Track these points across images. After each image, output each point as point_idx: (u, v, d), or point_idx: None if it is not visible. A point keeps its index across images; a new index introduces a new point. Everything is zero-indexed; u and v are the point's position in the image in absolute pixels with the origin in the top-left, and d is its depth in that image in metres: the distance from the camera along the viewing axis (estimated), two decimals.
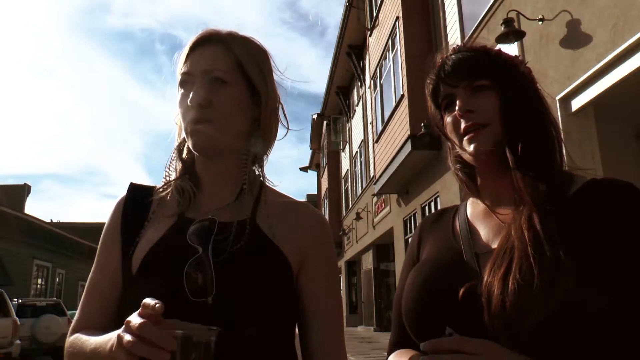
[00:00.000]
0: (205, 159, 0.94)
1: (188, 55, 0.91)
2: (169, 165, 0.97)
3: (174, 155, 0.98)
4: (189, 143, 0.91)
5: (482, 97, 0.87)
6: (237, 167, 0.94)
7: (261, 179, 0.99)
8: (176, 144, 0.99)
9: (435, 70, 0.93)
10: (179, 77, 0.92)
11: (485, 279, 0.77)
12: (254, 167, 0.98)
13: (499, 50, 0.93)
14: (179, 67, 0.92)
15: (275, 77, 0.98)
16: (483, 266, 0.80)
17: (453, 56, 0.91)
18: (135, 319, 0.66)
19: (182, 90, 0.92)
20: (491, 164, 0.89)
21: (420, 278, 0.87)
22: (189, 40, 0.93)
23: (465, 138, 0.88)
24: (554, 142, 0.87)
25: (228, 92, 0.89)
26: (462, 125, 0.88)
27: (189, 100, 0.87)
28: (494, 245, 0.83)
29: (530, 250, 0.74)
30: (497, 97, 0.87)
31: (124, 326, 0.67)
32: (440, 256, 0.90)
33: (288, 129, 1.01)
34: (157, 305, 0.65)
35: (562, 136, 0.89)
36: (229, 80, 0.89)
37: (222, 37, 0.92)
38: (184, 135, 0.94)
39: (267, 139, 0.96)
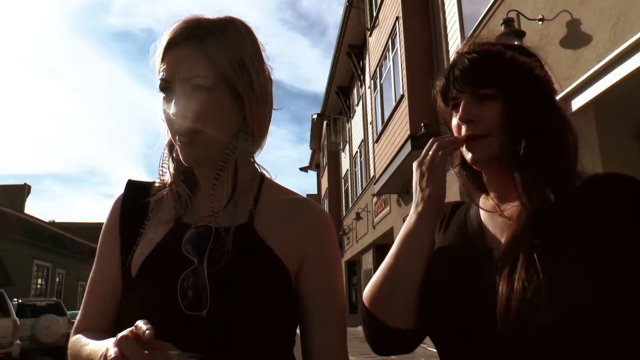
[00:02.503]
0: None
1: (164, 55, 0.86)
2: (162, 164, 0.94)
3: (166, 152, 0.94)
4: (180, 156, 0.87)
5: (485, 106, 0.87)
6: (232, 167, 0.90)
7: (262, 176, 0.96)
8: (167, 140, 0.94)
9: (446, 70, 0.93)
10: (157, 81, 0.87)
11: (491, 277, 0.78)
12: (253, 163, 0.94)
13: (514, 54, 0.89)
14: (157, 66, 0.87)
15: (263, 55, 0.92)
16: (490, 264, 0.81)
17: (465, 58, 0.90)
18: (123, 333, 0.66)
19: (163, 96, 0.87)
20: (493, 168, 0.90)
21: (430, 274, 0.87)
22: (163, 34, 0.87)
23: (465, 144, 0.89)
24: (563, 149, 0.86)
25: (210, 99, 0.84)
26: (463, 132, 0.88)
27: (171, 112, 0.83)
28: (502, 245, 0.84)
29: (537, 251, 0.74)
30: (501, 108, 0.86)
31: (114, 340, 0.67)
32: (450, 253, 0.90)
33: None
34: (147, 332, 0.64)
35: (578, 141, 0.88)
36: (209, 86, 0.84)
37: (195, 33, 0.85)
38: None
39: (257, 135, 0.92)
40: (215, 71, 0.84)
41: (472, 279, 0.81)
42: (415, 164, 0.93)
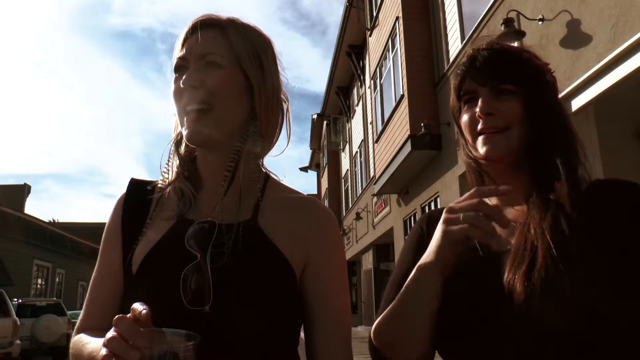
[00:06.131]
0: (205, 151, 0.92)
1: (185, 39, 0.89)
2: (167, 161, 0.94)
3: (172, 148, 0.94)
4: (184, 134, 0.87)
5: (504, 101, 0.86)
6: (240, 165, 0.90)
7: (267, 174, 0.96)
8: (173, 135, 0.94)
9: (466, 62, 0.92)
10: (174, 62, 0.89)
11: (505, 276, 0.76)
12: (258, 162, 0.94)
13: (531, 55, 0.91)
14: (176, 51, 0.90)
15: (280, 70, 0.95)
16: (500, 265, 0.80)
17: (485, 52, 0.90)
18: (120, 315, 0.66)
19: (175, 77, 0.89)
20: (502, 165, 0.89)
21: None
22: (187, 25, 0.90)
23: (480, 138, 0.88)
24: (577, 151, 0.87)
25: (223, 75, 0.86)
26: (480, 126, 0.87)
27: (181, 82, 0.85)
28: (509, 245, 0.83)
29: (556, 251, 0.74)
30: (520, 104, 0.86)
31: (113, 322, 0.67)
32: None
33: (290, 137, 0.98)
34: (143, 311, 0.64)
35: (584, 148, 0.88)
36: (224, 65, 0.87)
37: (220, 22, 0.90)
38: (179, 129, 0.91)
39: (265, 134, 0.92)
40: (232, 54, 0.88)
41: (480, 283, 0.80)
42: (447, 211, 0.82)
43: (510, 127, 0.85)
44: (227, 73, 0.87)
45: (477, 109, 0.87)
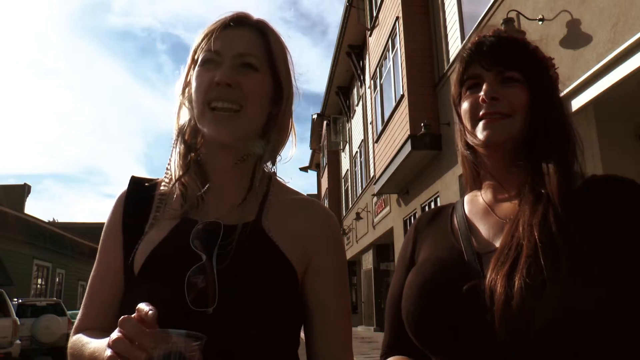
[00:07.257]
0: (216, 150, 0.91)
1: (218, 33, 0.88)
2: (171, 156, 0.93)
3: (179, 139, 0.93)
4: (205, 129, 0.87)
5: (509, 88, 0.86)
6: (246, 165, 0.91)
7: (270, 175, 0.96)
8: (178, 125, 0.93)
9: (472, 47, 0.90)
10: (201, 54, 0.88)
11: (488, 276, 0.74)
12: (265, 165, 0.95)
13: (537, 47, 0.92)
14: (203, 43, 0.89)
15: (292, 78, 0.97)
16: (485, 266, 0.78)
17: (492, 38, 0.89)
18: (125, 315, 0.65)
19: (201, 68, 0.88)
20: (500, 154, 0.87)
21: (421, 278, 0.84)
22: (218, 18, 0.91)
23: (481, 123, 0.86)
24: (575, 147, 0.86)
25: (258, 78, 0.88)
26: (483, 110, 0.86)
27: (216, 78, 0.85)
28: (496, 244, 0.81)
29: (541, 249, 0.71)
30: (526, 92, 0.85)
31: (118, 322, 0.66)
32: (440, 256, 0.88)
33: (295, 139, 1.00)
34: (150, 312, 0.64)
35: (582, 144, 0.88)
36: (259, 68, 0.88)
37: (256, 23, 0.92)
38: (185, 119, 0.91)
39: (282, 138, 0.95)
40: (267, 58, 0.90)
41: (464, 281, 0.77)
42: None
43: (513, 114, 0.84)
44: (262, 77, 0.89)
45: (482, 93, 0.85)
